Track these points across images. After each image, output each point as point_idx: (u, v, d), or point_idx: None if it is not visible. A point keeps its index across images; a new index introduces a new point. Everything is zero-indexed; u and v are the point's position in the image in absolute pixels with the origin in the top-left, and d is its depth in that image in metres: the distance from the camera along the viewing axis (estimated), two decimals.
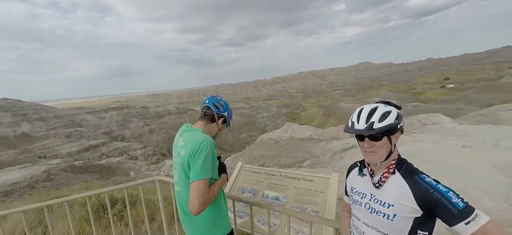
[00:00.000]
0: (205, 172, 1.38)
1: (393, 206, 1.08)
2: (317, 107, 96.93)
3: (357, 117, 1.16)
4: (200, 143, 1.42)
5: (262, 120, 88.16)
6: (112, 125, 74.41)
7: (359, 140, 1.19)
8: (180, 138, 1.59)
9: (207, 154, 1.41)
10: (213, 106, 1.64)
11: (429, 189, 1.01)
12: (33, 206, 2.35)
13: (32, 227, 4.03)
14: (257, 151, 11.62)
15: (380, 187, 1.15)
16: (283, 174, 2.48)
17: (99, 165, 24.55)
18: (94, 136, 64.19)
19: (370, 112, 1.13)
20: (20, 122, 64.14)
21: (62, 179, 17.79)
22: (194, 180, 1.37)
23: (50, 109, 76.18)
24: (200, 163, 1.38)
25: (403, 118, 1.17)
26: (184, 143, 1.50)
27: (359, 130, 1.11)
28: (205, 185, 1.38)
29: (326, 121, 66.60)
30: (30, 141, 51.82)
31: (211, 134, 1.64)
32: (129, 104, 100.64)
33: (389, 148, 1.12)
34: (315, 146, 10.40)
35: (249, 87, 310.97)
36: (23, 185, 15.75)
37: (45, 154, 46.00)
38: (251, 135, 66.32)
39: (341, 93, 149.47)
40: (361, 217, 1.23)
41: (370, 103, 1.20)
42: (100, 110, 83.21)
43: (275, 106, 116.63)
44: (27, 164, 22.41)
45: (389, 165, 1.14)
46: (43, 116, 70.89)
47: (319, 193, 2.19)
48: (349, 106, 70.28)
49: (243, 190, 2.47)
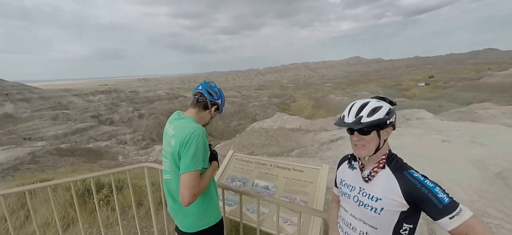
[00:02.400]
0: (196, 163, 1.35)
1: (381, 200, 1.09)
2: (307, 99, 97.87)
3: (348, 111, 1.17)
4: (191, 133, 1.37)
5: (253, 109, 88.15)
6: (100, 108, 72.73)
7: (349, 134, 1.19)
8: (170, 126, 1.54)
9: (198, 144, 1.37)
10: (206, 93, 1.58)
11: (416, 184, 1.02)
12: (14, 190, 2.27)
13: (14, 210, 3.93)
14: (247, 139, 11.65)
15: (369, 180, 1.16)
16: (273, 163, 2.47)
17: (86, 148, 24.09)
18: (81, 119, 62.66)
19: (361, 107, 1.13)
20: (3, 101, 61.73)
21: (48, 162, 17.38)
22: (185, 171, 1.33)
23: (35, 90, 73.52)
24: (191, 154, 1.34)
25: (395, 114, 1.16)
26: (175, 132, 1.45)
27: (348, 123, 1.12)
28: (196, 177, 1.35)
29: (315, 113, 67.34)
30: (14, 122, 50.12)
31: (203, 121, 1.60)
32: (118, 88, 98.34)
33: (378, 142, 1.12)
34: (304, 136, 10.53)
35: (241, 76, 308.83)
36: (6, 167, 15.32)
37: (30, 136, 44.69)
38: (241, 124, 66.33)
39: (332, 86, 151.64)
40: (349, 209, 1.24)
41: (364, 99, 1.20)
42: (87, 93, 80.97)
43: (266, 96, 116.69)
44: (10, 145, 21.74)
45: (379, 160, 1.15)
46: (28, 97, 68.40)
47: (309, 184, 2.21)
48: (339, 99, 71.39)
49: (233, 178, 2.46)
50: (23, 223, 3.65)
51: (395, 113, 1.16)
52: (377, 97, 1.19)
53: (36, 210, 3.94)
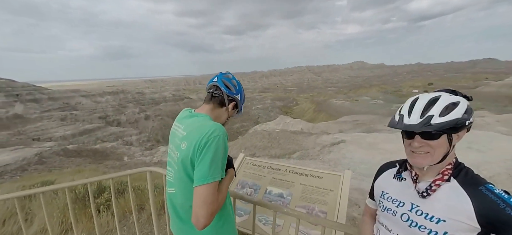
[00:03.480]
0: (215, 173, 1.07)
1: (444, 221, 0.83)
2: (309, 102, 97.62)
3: (408, 108, 0.90)
4: (210, 133, 1.08)
5: (256, 111, 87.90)
6: (108, 109, 73.54)
7: (406, 137, 0.94)
8: (180, 126, 1.24)
9: (218, 148, 1.08)
10: (223, 86, 1.29)
11: (499, 203, 0.77)
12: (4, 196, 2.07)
13: (12, 214, 3.78)
14: (250, 141, 11.56)
15: (427, 196, 0.90)
16: (289, 168, 2.22)
17: (93, 149, 24.20)
18: (89, 120, 63.40)
19: (429, 103, 0.87)
20: (13, 102, 62.84)
21: (55, 163, 17.45)
22: (201, 183, 1.04)
23: (44, 91, 74.76)
24: (208, 160, 1.06)
25: (473, 113, 0.91)
26: (186, 133, 1.16)
27: (411, 125, 0.86)
28: (214, 190, 1.06)
29: (317, 116, 66.90)
30: (24, 123, 50.91)
31: (219, 120, 1.30)
32: (125, 89, 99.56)
33: (447, 149, 0.87)
34: (306, 139, 10.46)
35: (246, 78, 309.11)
36: (14, 167, 15.40)
37: (39, 137, 45.30)
38: (244, 126, 66.11)
39: (334, 90, 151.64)
40: (393, 229, 0.99)
41: (428, 92, 0.94)
42: (95, 94, 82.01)
43: (270, 99, 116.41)
44: (19, 146, 21.96)
45: (443, 170, 0.89)
46: (37, 98, 69.57)
47: (328, 192, 1.95)
48: (340, 104, 71.38)
49: (244, 184, 2.22)
50: (19, 229, 3.47)
51: (473, 112, 0.91)
52: (449, 91, 0.92)
53: (35, 214, 3.78)
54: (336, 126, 15.26)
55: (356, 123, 14.74)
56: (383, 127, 11.99)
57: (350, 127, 13.72)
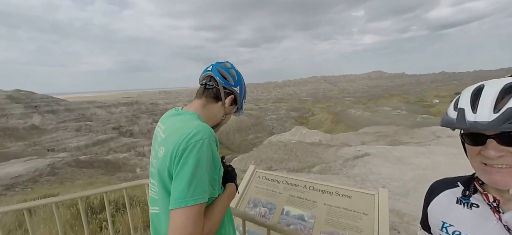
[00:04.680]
0: (197, 193, 0.77)
1: None
2: (326, 112, 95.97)
3: (471, 99, 0.59)
4: (190, 137, 0.80)
5: (270, 122, 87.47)
6: (122, 120, 75.11)
7: (471, 142, 0.63)
8: (161, 127, 0.98)
9: (201, 157, 0.79)
10: (218, 76, 1.03)
11: None
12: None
13: (10, 230, 3.56)
14: (265, 153, 11.17)
15: None
16: (309, 184, 1.87)
17: (105, 160, 24.38)
18: (103, 130, 64.79)
19: (504, 92, 0.55)
20: (31, 113, 65.22)
21: (67, 173, 17.54)
22: (177, 206, 0.75)
23: (62, 102, 77.39)
24: (187, 174, 0.77)
25: None
26: (165, 135, 0.90)
27: (481, 122, 0.55)
28: (196, 216, 0.76)
29: (334, 127, 65.57)
30: (39, 133, 52.46)
31: (213, 120, 1.04)
32: (139, 100, 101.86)
33: None
34: (325, 151, 9.99)
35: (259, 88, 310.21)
36: (26, 178, 15.54)
37: (54, 147, 46.43)
38: (258, 137, 65.61)
39: (352, 100, 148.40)
40: None
41: (493, 79, 0.60)
42: (110, 105, 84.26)
43: (284, 109, 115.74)
44: (33, 156, 22.39)
45: None
46: (54, 109, 71.95)
47: (362, 216, 1.58)
48: (359, 114, 69.48)
49: (256, 203, 1.88)
50: None
51: None
52: None
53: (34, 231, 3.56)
54: (357, 137, 14.67)
55: (379, 135, 14.10)
56: (409, 139, 11.37)
57: (372, 139, 13.12)
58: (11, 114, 61.71)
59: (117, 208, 4.07)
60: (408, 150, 8.12)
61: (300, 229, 1.60)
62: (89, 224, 3.59)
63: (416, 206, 4.26)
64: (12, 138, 44.29)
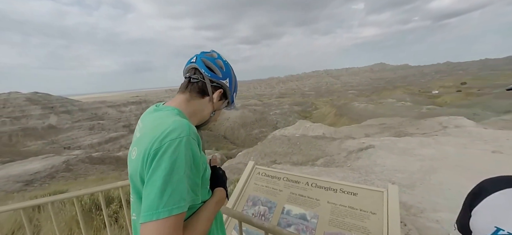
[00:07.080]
0: (171, 201, 0.63)
1: None
2: (329, 106, 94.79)
3: None
4: (165, 135, 0.67)
5: (274, 116, 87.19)
6: (131, 118, 76.70)
7: None
8: (140, 125, 0.86)
9: (177, 159, 0.65)
10: (204, 68, 0.89)
11: None
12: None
13: (20, 225, 3.61)
14: (269, 147, 11.12)
15: None
16: (311, 181, 1.73)
17: (116, 156, 24.93)
18: (114, 128, 66.36)
19: None
20: (49, 114, 67.57)
21: (80, 170, 18.08)
22: (148, 219, 0.62)
23: (75, 103, 79.78)
24: (160, 180, 0.63)
25: None
26: (140, 135, 0.78)
27: None
28: (172, 229, 0.62)
29: (338, 120, 64.72)
30: (57, 133, 54.29)
31: (199, 117, 0.91)
32: (147, 99, 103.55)
33: None
34: (329, 144, 9.88)
35: (262, 84, 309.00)
36: (44, 175, 16.08)
37: (70, 145, 47.97)
38: (262, 131, 65.60)
39: (355, 93, 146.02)
40: None
41: None
42: (120, 104, 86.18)
43: (287, 104, 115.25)
44: (50, 154, 23.13)
45: None
46: (69, 110, 74.34)
47: (369, 215, 1.44)
48: (362, 107, 68.06)
49: (255, 201, 1.77)
50: None
51: None
52: None
53: (41, 227, 3.60)
54: (361, 130, 14.33)
55: (384, 127, 13.73)
56: (415, 130, 10.99)
57: (376, 131, 12.78)
58: (30, 115, 64.11)
59: (120, 204, 4.07)
60: (413, 141, 7.88)
61: (301, 230, 1.48)
62: (94, 221, 3.61)
63: (423, 198, 4.10)
64: (32, 137, 46.03)
